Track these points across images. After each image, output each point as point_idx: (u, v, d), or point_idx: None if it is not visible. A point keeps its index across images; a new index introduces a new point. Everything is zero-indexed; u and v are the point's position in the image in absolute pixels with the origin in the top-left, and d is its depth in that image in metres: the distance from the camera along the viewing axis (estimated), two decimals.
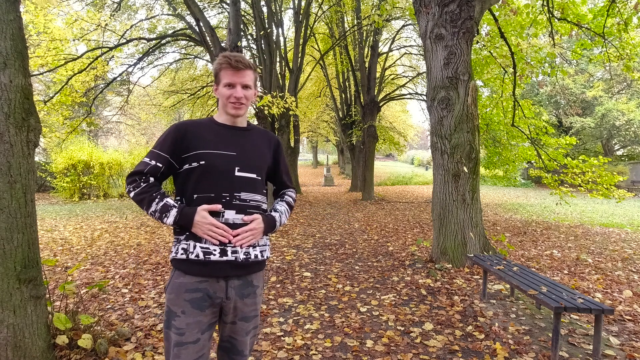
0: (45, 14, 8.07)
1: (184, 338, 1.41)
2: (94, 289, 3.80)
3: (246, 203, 1.48)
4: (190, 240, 1.44)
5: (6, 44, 2.16)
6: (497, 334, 3.04)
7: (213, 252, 1.43)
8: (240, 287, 1.50)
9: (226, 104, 1.50)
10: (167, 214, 1.41)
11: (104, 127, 26.30)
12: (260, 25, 11.47)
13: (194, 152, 1.46)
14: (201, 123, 1.54)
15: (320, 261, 5.51)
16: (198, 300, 1.43)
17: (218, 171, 1.45)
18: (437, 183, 5.17)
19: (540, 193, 18.35)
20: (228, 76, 1.47)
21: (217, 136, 1.51)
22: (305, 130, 28.05)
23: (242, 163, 1.49)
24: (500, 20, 7.01)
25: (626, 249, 6.27)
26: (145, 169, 1.45)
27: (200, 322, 1.43)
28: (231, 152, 1.49)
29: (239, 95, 1.47)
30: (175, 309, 1.43)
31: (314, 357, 2.72)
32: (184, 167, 1.48)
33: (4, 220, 2.12)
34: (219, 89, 1.51)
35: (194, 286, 1.43)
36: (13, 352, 2.14)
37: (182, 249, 1.45)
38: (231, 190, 1.45)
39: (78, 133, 10.88)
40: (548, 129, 8.63)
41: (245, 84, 1.49)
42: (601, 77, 21.53)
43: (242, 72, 1.48)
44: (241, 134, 1.56)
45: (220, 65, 1.49)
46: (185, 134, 1.48)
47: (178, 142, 1.47)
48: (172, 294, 1.45)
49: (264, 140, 1.62)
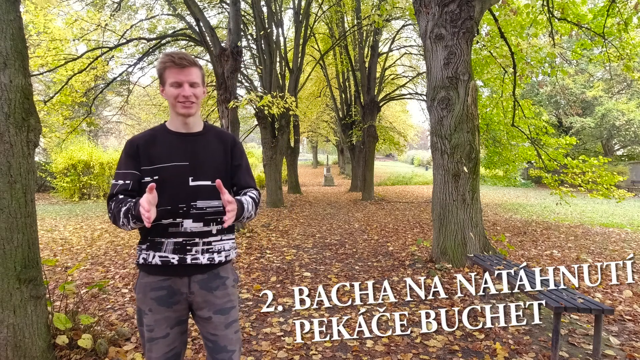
0: (45, 14, 8.06)
1: (153, 334, 1.47)
2: (94, 289, 3.80)
3: (203, 211, 1.48)
4: (150, 251, 1.48)
5: (6, 44, 2.16)
6: (497, 334, 3.04)
7: (171, 260, 1.46)
8: (207, 281, 1.51)
9: (175, 104, 1.46)
10: (130, 212, 1.36)
11: (104, 127, 26.29)
12: (260, 25, 11.47)
13: (149, 167, 1.46)
14: (153, 135, 1.51)
15: (320, 261, 5.51)
16: (163, 297, 1.47)
17: (171, 184, 1.45)
18: (437, 183, 5.17)
19: (540, 193, 18.35)
20: (173, 75, 1.43)
21: (168, 147, 1.48)
22: (305, 130, 28.05)
23: (195, 172, 1.48)
24: (500, 20, 7.01)
25: (626, 249, 6.27)
26: (114, 191, 1.46)
27: (168, 318, 1.48)
28: (183, 162, 1.47)
29: (187, 93, 1.44)
30: (143, 307, 1.49)
31: (314, 357, 2.72)
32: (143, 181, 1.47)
33: (4, 220, 2.12)
34: (166, 90, 1.47)
35: (158, 284, 1.48)
36: (13, 352, 2.14)
37: (142, 258, 1.50)
38: (187, 200, 1.46)
39: (78, 133, 10.88)
40: (548, 129, 8.62)
41: (192, 81, 1.45)
42: (601, 77, 21.53)
43: (188, 70, 1.44)
44: (194, 140, 1.52)
45: (164, 64, 1.44)
46: (137, 149, 1.47)
47: (135, 157, 1.47)
48: (139, 294, 1.50)
49: (218, 142, 1.57)
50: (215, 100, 14.58)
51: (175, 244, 1.46)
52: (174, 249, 1.46)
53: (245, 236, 7.21)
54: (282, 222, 9.22)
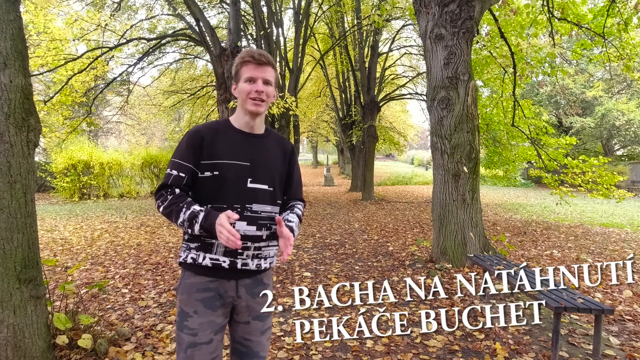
0: (45, 14, 8.07)
1: (197, 339, 1.39)
2: (94, 289, 3.80)
3: (258, 215, 1.46)
4: (200, 251, 1.43)
5: (6, 44, 2.16)
6: (497, 334, 3.04)
7: (222, 263, 1.42)
8: (251, 286, 1.48)
9: (246, 99, 1.44)
10: (196, 219, 1.35)
11: (104, 127, 26.29)
12: (260, 25, 11.47)
13: (209, 161, 1.43)
14: (217, 129, 1.49)
15: (320, 261, 5.51)
16: (210, 300, 1.42)
17: (230, 182, 1.42)
18: (437, 183, 5.17)
19: (540, 193, 18.35)
20: (249, 70, 1.43)
21: (231, 144, 1.47)
22: (305, 130, 28.06)
23: (254, 174, 1.46)
24: (500, 20, 7.01)
25: (626, 249, 6.27)
26: (169, 181, 1.43)
27: (213, 322, 1.42)
28: (245, 162, 1.45)
29: (260, 89, 1.42)
30: (187, 310, 1.42)
31: (314, 357, 2.72)
32: (201, 175, 1.44)
33: (4, 220, 2.12)
34: (239, 86, 1.46)
35: (205, 285, 1.43)
36: (13, 352, 2.14)
37: (191, 258, 1.44)
38: (243, 201, 1.43)
39: (78, 133, 10.88)
40: (548, 129, 8.62)
41: (266, 79, 1.44)
42: (601, 77, 21.53)
43: (264, 67, 1.44)
44: (256, 142, 1.51)
45: (242, 59, 1.44)
46: (201, 141, 1.44)
47: (197, 149, 1.44)
48: (183, 295, 1.44)
49: (279, 148, 1.57)
50: (215, 100, 14.58)
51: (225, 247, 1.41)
52: (225, 252, 1.42)
53: None
54: None
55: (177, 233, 7.62)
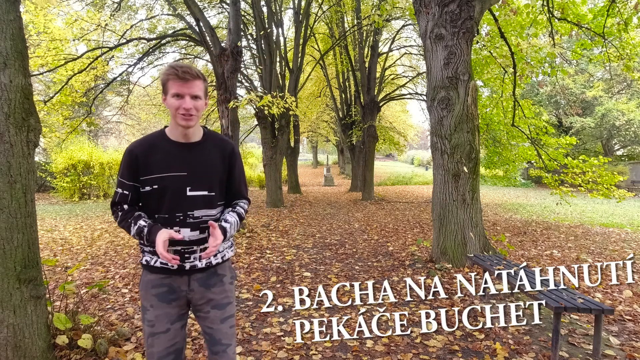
0: (45, 14, 8.06)
1: (154, 329, 1.54)
2: (94, 289, 3.80)
3: (200, 220, 1.55)
4: (153, 255, 1.57)
5: (6, 44, 2.16)
6: (497, 334, 3.04)
7: (171, 267, 1.54)
8: (205, 278, 1.59)
9: (175, 115, 1.48)
10: (142, 234, 1.50)
11: (104, 127, 26.28)
12: (260, 25, 11.47)
13: (147, 176, 1.52)
14: (151, 143, 1.55)
15: (320, 261, 5.51)
16: (164, 294, 1.55)
17: (170, 194, 1.51)
18: (437, 183, 5.17)
19: (540, 193, 18.35)
20: (176, 87, 1.45)
21: (167, 156, 1.52)
22: (305, 130, 28.04)
23: (192, 182, 1.53)
24: (500, 20, 7.01)
25: (626, 249, 6.27)
26: (116, 199, 1.56)
27: (169, 314, 1.55)
28: (182, 172, 1.52)
29: (188, 106, 1.45)
30: (145, 304, 1.57)
31: (314, 357, 2.72)
32: (143, 189, 1.53)
33: (4, 220, 2.12)
34: (167, 100, 1.49)
35: (159, 282, 1.56)
36: (13, 352, 2.14)
37: (145, 260, 1.59)
38: (184, 209, 1.52)
39: (78, 133, 10.88)
40: (548, 129, 8.62)
41: (194, 94, 1.47)
42: (601, 77, 21.52)
43: (191, 83, 1.46)
44: (192, 150, 1.56)
45: (167, 76, 1.47)
46: (136, 159, 1.51)
47: (133, 168, 1.52)
48: (142, 290, 1.59)
49: (217, 151, 1.61)
50: (215, 100, 14.59)
51: (175, 252, 1.52)
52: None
53: (245, 236, 7.21)
54: (282, 222, 9.22)
55: None
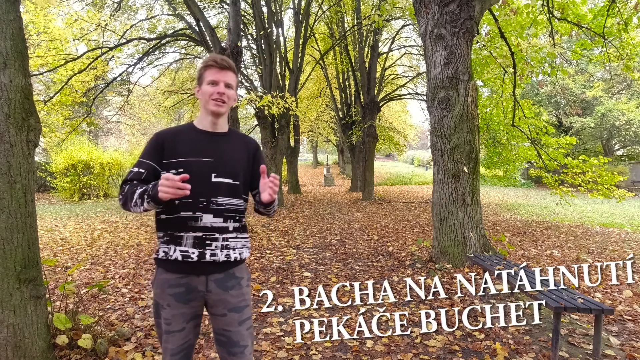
0: (45, 14, 8.06)
1: (171, 327, 1.54)
2: (94, 289, 3.80)
3: (223, 207, 1.54)
4: (170, 244, 1.52)
5: (6, 44, 2.16)
6: (497, 334, 3.04)
7: (191, 255, 1.50)
8: (223, 280, 1.56)
9: (208, 100, 1.54)
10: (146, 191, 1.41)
11: (104, 127, 26.28)
12: (260, 25, 11.47)
13: (173, 159, 1.52)
14: (180, 130, 1.59)
15: (320, 261, 5.51)
16: (181, 294, 1.52)
17: (194, 177, 1.48)
18: (437, 183, 5.17)
19: (540, 193, 18.35)
20: (212, 74, 1.53)
21: (194, 143, 1.55)
22: (305, 130, 28.04)
23: (218, 169, 1.54)
24: (500, 20, 7.01)
25: (626, 249, 6.27)
26: (129, 177, 1.53)
27: (185, 314, 1.54)
28: (208, 158, 1.54)
29: (222, 90, 1.52)
30: (161, 302, 1.55)
31: (314, 357, 2.72)
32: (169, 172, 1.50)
33: (4, 220, 2.12)
34: (202, 88, 1.55)
35: (176, 281, 1.53)
36: (13, 352, 2.14)
37: (163, 252, 1.54)
38: (208, 195, 1.51)
39: (78, 133, 10.88)
40: (548, 129, 8.62)
41: (227, 82, 1.55)
42: (601, 77, 21.52)
43: (226, 71, 1.55)
44: (219, 140, 1.60)
45: (205, 63, 1.55)
46: (163, 142, 1.54)
47: (159, 150, 1.54)
48: (157, 289, 1.56)
49: (242, 145, 1.65)
50: None
51: (195, 238, 1.50)
52: (193, 243, 1.50)
53: None
54: (282, 222, 9.22)
55: None
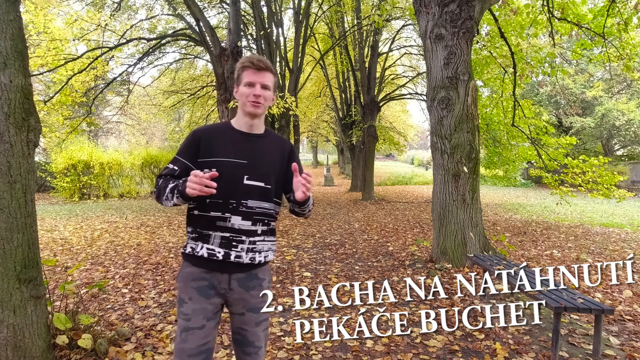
0: (45, 14, 8.06)
1: (190, 324, 1.51)
2: (94, 289, 3.80)
3: (253, 210, 1.54)
4: (198, 242, 1.54)
5: (6, 44, 2.16)
6: (497, 334, 3.04)
7: (217, 254, 1.51)
8: (245, 280, 1.57)
9: (245, 102, 1.54)
10: (177, 186, 1.44)
11: (104, 127, 26.29)
12: (260, 25, 11.47)
13: (207, 159, 1.53)
14: (217, 129, 1.60)
15: (320, 261, 5.51)
16: (204, 288, 1.53)
17: (227, 179, 1.50)
18: (437, 183, 5.17)
19: (540, 193, 18.35)
20: (249, 75, 1.53)
21: (230, 144, 1.56)
22: (305, 130, 28.04)
23: (251, 172, 1.54)
24: (500, 20, 7.01)
25: (626, 249, 6.27)
26: (163, 172, 1.58)
27: (206, 309, 1.52)
28: (242, 160, 1.54)
29: (258, 92, 1.52)
30: (183, 296, 1.54)
31: (314, 357, 2.72)
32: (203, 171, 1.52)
33: (4, 220, 2.12)
34: (240, 89, 1.56)
35: (200, 275, 1.54)
36: (13, 352, 2.14)
37: (190, 247, 1.56)
38: (239, 197, 1.52)
39: (78, 133, 10.89)
40: (548, 129, 8.62)
41: (264, 83, 1.54)
42: (601, 77, 21.53)
43: (263, 72, 1.54)
44: (255, 141, 1.60)
45: (242, 65, 1.55)
46: (199, 140, 1.55)
47: (194, 148, 1.55)
48: (180, 282, 1.57)
49: (277, 147, 1.65)
50: (215, 100, 14.57)
51: (222, 238, 1.52)
52: (220, 243, 1.51)
53: None
54: (282, 222, 9.22)
55: (177, 233, 7.62)
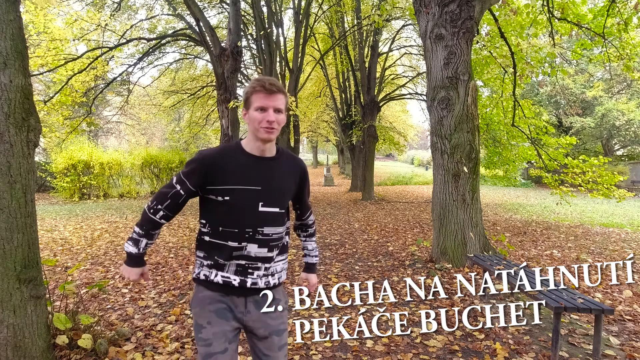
0: (45, 14, 8.07)
1: (211, 349, 1.44)
2: (94, 289, 3.80)
3: (269, 237, 1.51)
4: (213, 269, 1.50)
5: (6, 44, 2.16)
6: (497, 334, 3.04)
7: (232, 281, 1.49)
8: (261, 302, 1.53)
9: (258, 128, 1.44)
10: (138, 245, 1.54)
11: (104, 127, 26.29)
12: (260, 25, 11.47)
13: (219, 186, 1.45)
14: (226, 153, 1.50)
15: (320, 261, 5.51)
16: (222, 310, 1.48)
17: (241, 207, 1.45)
18: (437, 183, 5.17)
19: (540, 193, 18.35)
20: (260, 99, 1.43)
21: (242, 169, 1.47)
22: (305, 130, 28.03)
23: (266, 198, 1.49)
24: (500, 20, 7.01)
25: (626, 249, 6.27)
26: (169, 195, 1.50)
27: (226, 332, 1.46)
28: (256, 186, 1.47)
29: (272, 119, 1.42)
30: (201, 322, 1.47)
31: (314, 357, 2.72)
32: (209, 196, 1.48)
33: (4, 220, 2.12)
34: (250, 113, 1.46)
35: (217, 298, 1.50)
36: (13, 352, 2.14)
37: (203, 275, 1.51)
38: (254, 225, 1.47)
39: (78, 133, 10.90)
40: (548, 129, 8.62)
41: (277, 107, 1.45)
42: (601, 77, 21.53)
43: (275, 96, 1.44)
44: (268, 165, 1.52)
45: (252, 89, 1.45)
46: (210, 167, 1.46)
47: (202, 175, 1.46)
48: (196, 307, 1.50)
49: (290, 169, 1.59)
50: (215, 100, 14.58)
51: (238, 266, 1.48)
52: (236, 271, 1.48)
53: None
54: None
55: (177, 233, 7.62)
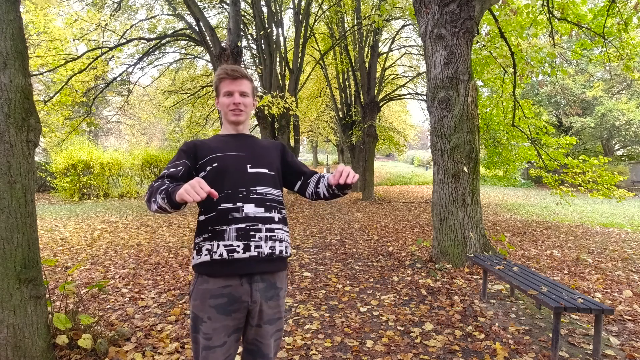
0: (45, 14, 8.06)
1: (211, 342, 1.45)
2: (94, 289, 3.80)
3: (263, 196, 1.52)
4: (213, 240, 1.45)
5: (6, 44, 2.16)
6: (497, 334, 3.04)
7: (237, 248, 1.43)
8: (265, 290, 1.51)
9: (227, 112, 1.60)
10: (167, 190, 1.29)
11: (104, 127, 26.29)
12: (260, 25, 11.47)
13: (206, 157, 1.53)
14: (208, 139, 1.64)
15: (320, 261, 5.51)
16: (223, 306, 1.45)
17: (231, 169, 1.51)
18: (437, 183, 5.17)
19: (540, 193, 18.35)
20: (226, 85, 1.58)
21: (225, 143, 1.59)
22: (305, 130, 28.03)
23: (253, 161, 1.56)
24: (500, 20, 7.01)
25: (626, 249, 6.27)
26: (164, 173, 1.45)
27: (227, 327, 1.46)
28: (241, 152, 1.57)
29: (238, 101, 1.57)
30: (201, 315, 1.46)
31: (314, 357, 2.72)
32: (200, 173, 1.53)
33: (4, 220, 2.12)
34: (220, 100, 1.61)
35: (219, 292, 1.45)
36: (13, 352, 2.14)
37: (206, 250, 1.45)
38: (246, 185, 1.50)
39: (78, 133, 10.88)
40: (548, 129, 8.62)
41: (242, 91, 1.59)
42: (601, 77, 21.52)
43: (240, 81, 1.59)
44: (247, 138, 1.65)
45: (219, 77, 1.60)
46: (194, 145, 1.57)
47: (190, 153, 1.55)
48: (196, 301, 1.47)
49: (269, 144, 1.71)
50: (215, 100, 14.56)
51: (239, 229, 1.44)
52: (237, 235, 1.44)
53: None
54: None
55: (177, 233, 7.62)
